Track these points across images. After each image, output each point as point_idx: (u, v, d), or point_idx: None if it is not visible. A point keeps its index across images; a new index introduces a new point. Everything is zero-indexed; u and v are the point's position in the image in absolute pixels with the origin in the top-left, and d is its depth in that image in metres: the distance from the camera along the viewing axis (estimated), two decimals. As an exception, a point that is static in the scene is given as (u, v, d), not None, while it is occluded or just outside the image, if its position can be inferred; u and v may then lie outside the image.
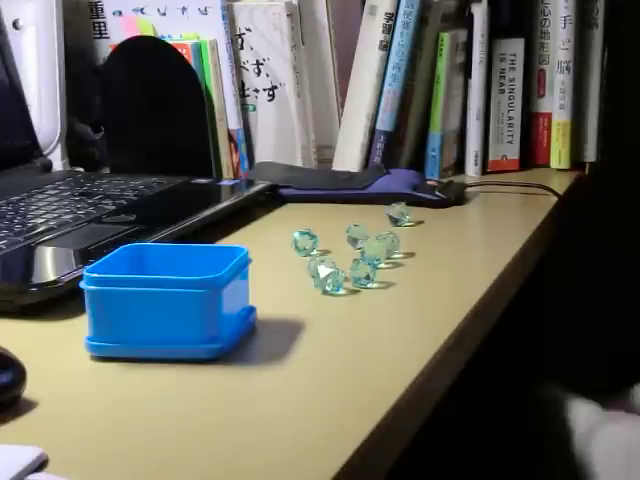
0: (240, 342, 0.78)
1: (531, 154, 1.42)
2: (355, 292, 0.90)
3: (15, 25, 1.33)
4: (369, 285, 0.91)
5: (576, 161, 1.42)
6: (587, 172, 1.43)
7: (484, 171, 1.39)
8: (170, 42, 1.31)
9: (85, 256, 0.92)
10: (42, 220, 1.04)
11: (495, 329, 0.98)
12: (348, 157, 1.33)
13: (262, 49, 1.33)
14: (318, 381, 0.73)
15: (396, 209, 1.12)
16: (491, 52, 1.38)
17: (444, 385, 0.81)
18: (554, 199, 1.24)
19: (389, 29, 1.31)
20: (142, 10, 1.35)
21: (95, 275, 0.75)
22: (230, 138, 1.33)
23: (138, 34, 1.33)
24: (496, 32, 1.38)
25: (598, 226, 1.53)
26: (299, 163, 1.34)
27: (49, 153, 1.32)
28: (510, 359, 1.51)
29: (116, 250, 0.81)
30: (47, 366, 0.74)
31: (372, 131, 1.32)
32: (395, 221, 1.11)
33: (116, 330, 0.75)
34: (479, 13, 1.36)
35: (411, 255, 1.01)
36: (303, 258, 0.99)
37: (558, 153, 1.40)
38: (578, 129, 1.42)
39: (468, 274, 0.98)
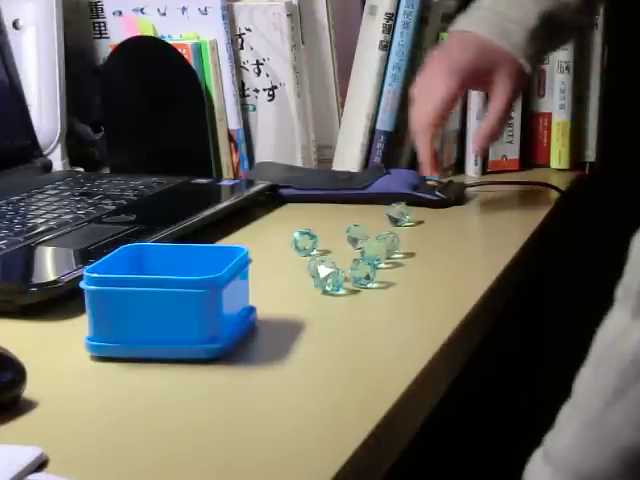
0: (240, 342, 0.78)
1: (531, 154, 1.42)
2: (355, 292, 0.90)
3: (15, 25, 1.33)
4: (369, 285, 0.91)
5: (576, 161, 1.42)
6: (587, 172, 1.43)
7: (484, 171, 1.39)
8: (170, 42, 1.31)
9: (85, 256, 0.92)
10: (42, 220, 1.04)
11: (495, 328, 0.98)
12: (348, 157, 1.33)
13: (262, 49, 1.33)
14: (318, 381, 0.73)
15: (396, 209, 1.12)
16: (491, 52, 1.38)
17: (444, 385, 0.82)
18: (554, 199, 1.24)
19: (389, 29, 1.31)
20: (142, 10, 1.35)
21: (95, 275, 0.75)
22: (230, 138, 1.33)
23: (138, 34, 1.33)
24: (496, 32, 1.38)
25: (598, 226, 1.53)
26: (299, 163, 1.34)
27: (49, 153, 1.32)
28: (510, 358, 1.51)
29: (116, 250, 0.81)
30: (47, 366, 0.74)
31: (372, 131, 1.32)
32: (395, 221, 1.11)
33: (116, 330, 0.75)
34: (479, 13, 1.36)
35: (411, 255, 1.01)
36: (303, 258, 0.99)
37: (558, 153, 1.40)
38: (578, 129, 1.42)
39: (468, 274, 0.98)
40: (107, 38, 1.39)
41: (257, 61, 1.34)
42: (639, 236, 0.65)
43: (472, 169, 1.38)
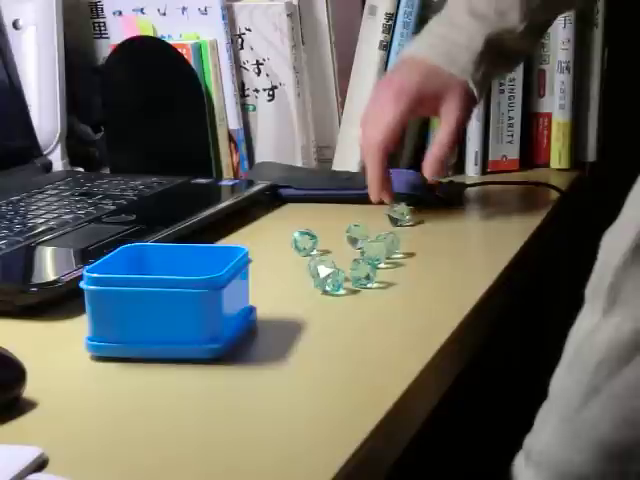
0: (240, 342, 0.78)
1: (531, 154, 1.42)
2: (355, 292, 0.90)
3: (15, 25, 1.33)
4: (369, 285, 0.91)
5: (576, 161, 1.42)
6: (587, 172, 1.43)
7: (484, 171, 1.39)
8: (170, 42, 1.31)
9: (85, 256, 0.93)
10: (42, 220, 1.04)
11: (496, 328, 0.98)
12: (348, 157, 1.33)
13: (262, 49, 1.33)
14: (318, 381, 0.73)
15: (396, 209, 1.12)
16: (491, 52, 1.38)
17: (444, 385, 0.82)
18: (554, 199, 1.24)
19: (389, 29, 1.31)
20: (142, 10, 1.35)
21: (95, 275, 0.75)
22: (230, 138, 1.33)
23: (138, 34, 1.33)
24: (496, 32, 1.38)
25: (598, 226, 1.52)
26: (299, 163, 1.34)
27: (49, 153, 1.32)
28: (510, 358, 1.51)
29: (116, 250, 0.81)
30: (47, 366, 0.74)
31: (372, 131, 1.32)
32: (395, 221, 1.11)
33: (116, 330, 0.75)
34: (479, 13, 1.36)
35: (411, 255, 1.01)
36: (303, 258, 0.99)
37: (558, 153, 1.40)
38: (578, 129, 1.42)
39: (468, 274, 0.98)
40: (107, 38, 1.39)
41: (257, 61, 1.34)
42: (606, 237, 0.66)
43: (472, 169, 1.38)
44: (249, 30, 1.33)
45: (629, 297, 0.62)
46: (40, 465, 0.60)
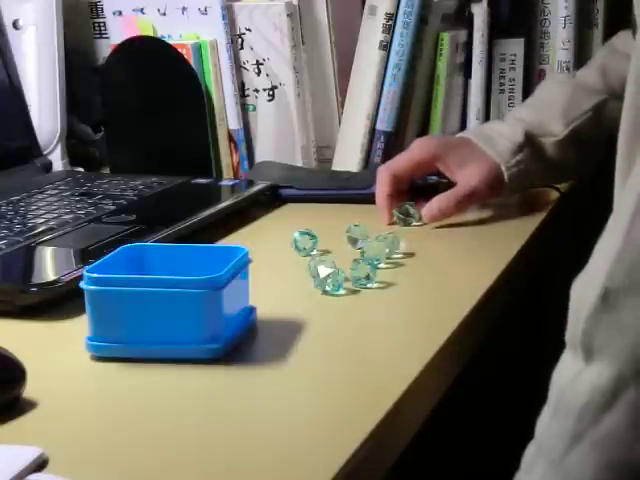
0: (240, 342, 0.78)
1: (531, 154, 1.42)
2: (355, 292, 0.90)
3: (15, 25, 1.33)
4: (369, 285, 0.91)
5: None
6: (587, 172, 1.42)
7: (484, 171, 1.39)
8: (170, 42, 1.31)
9: (85, 256, 0.93)
10: (42, 220, 1.04)
11: (495, 329, 0.98)
12: (348, 157, 1.33)
13: (262, 49, 1.33)
14: (318, 381, 0.73)
15: (404, 208, 1.12)
16: (491, 52, 1.38)
17: (444, 385, 0.81)
18: (554, 199, 1.24)
19: (389, 29, 1.31)
20: (142, 10, 1.35)
21: (95, 275, 0.75)
22: (230, 138, 1.33)
23: (138, 34, 1.33)
24: (496, 32, 1.38)
25: (598, 226, 1.52)
26: (299, 163, 1.34)
27: (49, 153, 1.32)
28: (510, 359, 1.51)
29: (116, 250, 0.81)
30: (47, 366, 0.74)
31: (372, 131, 1.32)
32: (404, 221, 1.11)
33: (116, 330, 0.75)
34: (479, 13, 1.36)
35: (411, 255, 1.01)
36: (303, 258, 0.99)
37: (558, 153, 1.40)
38: (578, 129, 1.41)
39: (468, 274, 0.98)
40: (107, 38, 1.39)
41: (257, 61, 1.34)
42: (576, 283, 0.67)
43: (472, 169, 1.38)
44: (249, 30, 1.33)
45: (603, 345, 0.63)
46: (40, 465, 0.60)
